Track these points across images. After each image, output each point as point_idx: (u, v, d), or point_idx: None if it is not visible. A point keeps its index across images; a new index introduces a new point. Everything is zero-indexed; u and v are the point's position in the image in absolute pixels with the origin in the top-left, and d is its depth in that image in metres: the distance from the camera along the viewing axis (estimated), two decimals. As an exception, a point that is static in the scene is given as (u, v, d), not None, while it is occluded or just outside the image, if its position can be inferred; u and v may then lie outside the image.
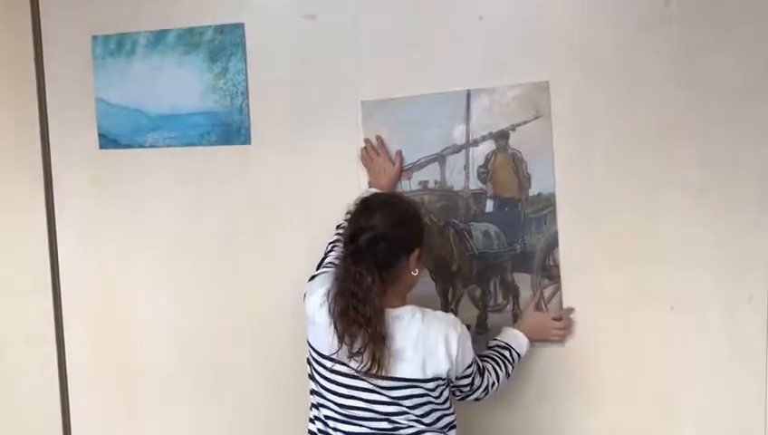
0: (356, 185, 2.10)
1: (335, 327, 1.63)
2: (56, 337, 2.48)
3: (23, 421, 2.56)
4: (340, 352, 1.63)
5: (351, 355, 1.62)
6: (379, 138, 2.07)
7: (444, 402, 1.71)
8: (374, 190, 2.01)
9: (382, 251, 1.64)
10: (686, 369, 1.98)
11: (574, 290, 2.01)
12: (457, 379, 1.72)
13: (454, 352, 1.65)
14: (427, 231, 1.79)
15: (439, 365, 1.64)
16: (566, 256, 2.00)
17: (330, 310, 1.66)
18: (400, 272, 1.68)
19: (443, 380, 1.67)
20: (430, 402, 1.67)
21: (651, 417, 2.02)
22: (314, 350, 1.73)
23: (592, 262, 2.00)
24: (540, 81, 1.98)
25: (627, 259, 1.98)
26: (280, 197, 2.23)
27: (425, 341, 1.64)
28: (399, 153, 2.05)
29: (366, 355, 1.60)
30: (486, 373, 1.81)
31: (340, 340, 1.62)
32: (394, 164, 2.05)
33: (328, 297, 1.67)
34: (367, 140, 2.08)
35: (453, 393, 1.76)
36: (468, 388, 1.77)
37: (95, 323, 2.46)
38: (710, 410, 1.98)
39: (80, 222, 2.42)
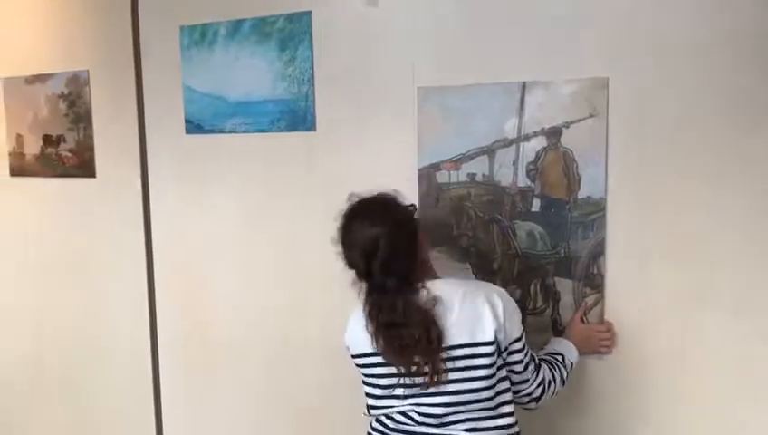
0: (411, 168, 2.10)
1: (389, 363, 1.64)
2: (149, 306, 2.74)
3: (118, 385, 2.87)
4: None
5: (412, 375, 1.62)
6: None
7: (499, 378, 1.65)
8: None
9: (398, 267, 1.61)
10: (745, 381, 1.78)
11: (620, 299, 1.87)
12: (509, 353, 1.65)
13: (500, 314, 1.60)
14: (415, 212, 1.74)
15: (486, 327, 1.59)
16: (613, 265, 1.87)
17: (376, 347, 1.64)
18: (419, 263, 1.66)
19: (493, 344, 1.60)
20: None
21: (705, 429, 1.85)
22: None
23: (643, 271, 1.84)
24: (599, 76, 1.84)
25: (684, 266, 1.80)
26: (342, 180, 2.24)
27: (469, 314, 1.60)
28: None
29: (427, 369, 1.59)
30: (542, 369, 1.74)
31: (402, 370, 1.62)
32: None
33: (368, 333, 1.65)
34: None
35: (508, 379, 1.68)
36: (521, 368, 1.67)
37: (181, 291, 2.67)
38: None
39: (169, 198, 2.64)
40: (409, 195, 2.08)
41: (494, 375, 1.62)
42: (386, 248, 1.59)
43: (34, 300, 3.06)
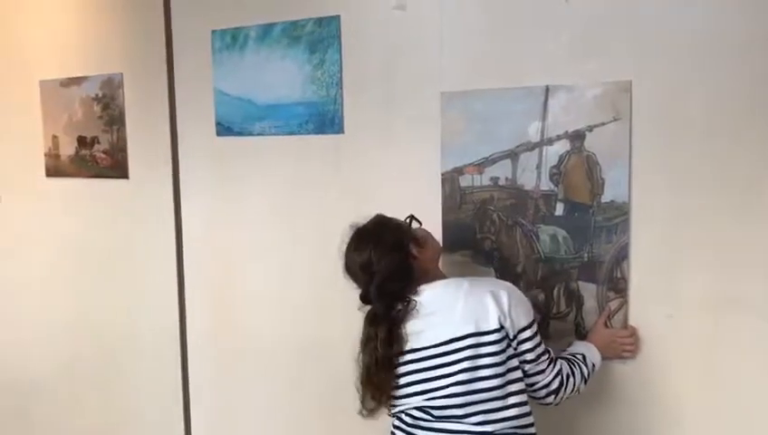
0: (435, 172, 2.12)
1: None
2: (178, 304, 2.79)
3: (148, 381, 2.93)
4: None
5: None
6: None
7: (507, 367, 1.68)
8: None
9: (392, 288, 1.71)
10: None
11: (645, 304, 1.87)
12: (518, 342, 1.67)
13: (504, 303, 1.65)
14: (404, 228, 1.82)
15: (489, 316, 1.64)
16: (637, 270, 1.87)
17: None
18: (416, 271, 1.75)
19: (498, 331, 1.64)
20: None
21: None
22: None
23: (668, 275, 1.84)
24: (622, 80, 1.84)
25: (713, 270, 1.80)
26: (368, 182, 2.30)
27: (473, 305, 1.66)
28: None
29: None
30: (558, 362, 1.76)
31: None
32: None
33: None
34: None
35: (521, 368, 1.69)
36: (533, 357, 1.69)
37: (210, 292, 2.72)
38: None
39: (200, 200, 2.69)
40: (433, 198, 2.15)
41: (503, 363, 1.65)
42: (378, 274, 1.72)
43: (67, 298, 3.13)
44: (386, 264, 1.72)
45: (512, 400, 1.66)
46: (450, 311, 1.68)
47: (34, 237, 3.18)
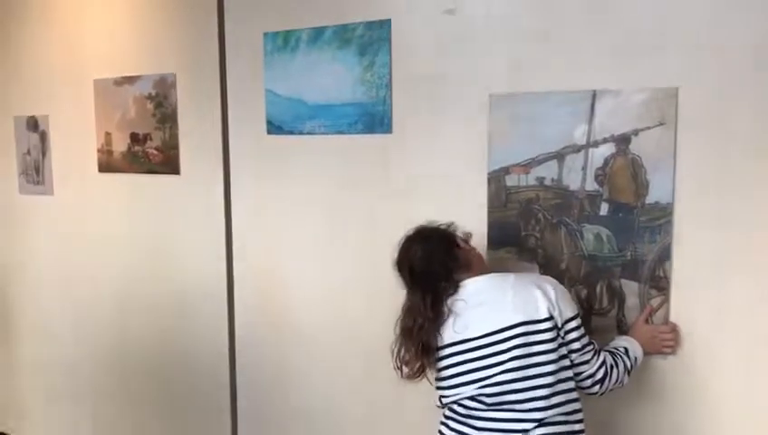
0: (481, 171, 2.20)
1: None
2: (227, 295, 2.90)
3: (199, 360, 3.02)
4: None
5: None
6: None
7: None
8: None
9: (438, 265, 1.88)
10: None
11: (687, 303, 1.93)
12: (566, 332, 1.77)
13: (551, 295, 1.77)
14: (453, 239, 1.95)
15: (539, 306, 1.75)
16: (679, 269, 1.93)
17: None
18: (461, 259, 1.90)
19: (550, 320, 1.75)
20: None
21: None
22: None
23: (711, 275, 1.90)
24: (668, 86, 1.90)
25: (754, 272, 1.86)
26: (415, 180, 2.38)
27: (522, 293, 1.78)
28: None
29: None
30: (602, 353, 1.85)
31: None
32: None
33: None
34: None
35: (568, 358, 1.79)
36: (579, 346, 1.79)
37: (259, 282, 2.82)
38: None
39: (249, 196, 2.79)
40: (478, 197, 2.22)
41: (554, 351, 1.74)
42: (422, 264, 1.88)
43: (118, 291, 3.24)
44: (434, 246, 1.89)
45: (561, 386, 1.75)
46: (500, 301, 1.78)
47: (85, 231, 3.31)
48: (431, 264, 1.86)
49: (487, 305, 1.79)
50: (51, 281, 3.52)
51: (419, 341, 1.83)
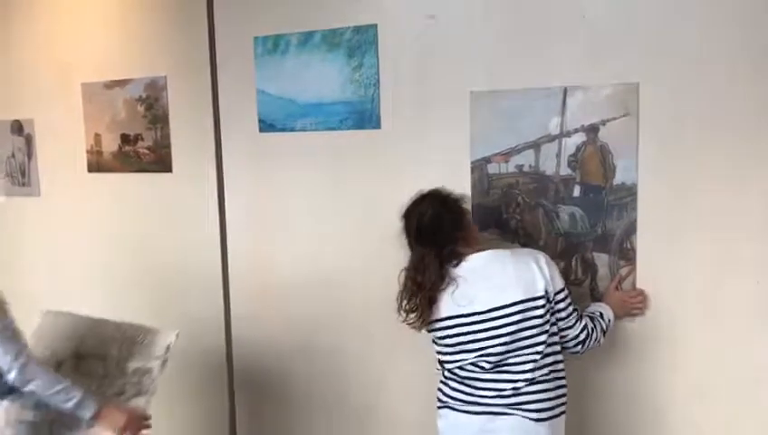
0: (465, 161, 2.43)
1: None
2: (222, 284, 3.06)
3: (196, 357, 3.14)
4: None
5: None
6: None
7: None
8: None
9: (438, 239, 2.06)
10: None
11: (651, 271, 2.21)
12: (555, 302, 2.01)
13: (546, 272, 2.00)
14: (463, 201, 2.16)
15: (536, 283, 1.98)
16: (643, 241, 2.21)
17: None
18: (467, 228, 2.13)
19: (544, 297, 1.99)
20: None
21: (737, 381, 2.16)
22: None
23: (671, 245, 2.18)
24: (631, 82, 2.18)
25: (709, 241, 2.14)
26: (403, 171, 2.59)
27: (522, 271, 2.00)
28: None
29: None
30: (584, 318, 2.10)
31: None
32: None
33: None
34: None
35: (556, 325, 2.03)
36: (566, 314, 2.04)
37: (253, 272, 2.99)
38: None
39: (242, 191, 2.97)
40: (463, 184, 2.43)
41: (546, 323, 1.99)
42: (431, 223, 2.04)
43: (110, 289, 3.34)
44: (446, 211, 2.07)
45: (549, 349, 2.01)
46: (502, 278, 2.00)
47: (76, 229, 3.42)
48: (440, 227, 2.04)
49: (490, 281, 2.00)
50: (38, 280, 3.61)
51: (428, 296, 2.02)
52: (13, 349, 2.14)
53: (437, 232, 2.04)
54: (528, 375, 1.99)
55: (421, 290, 2.03)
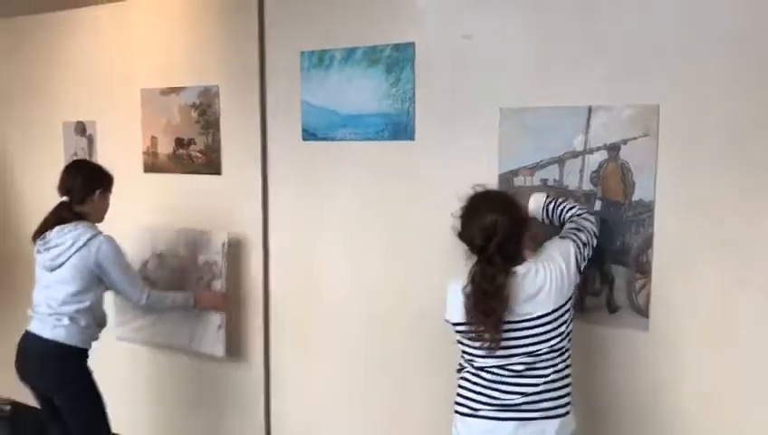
0: (493, 173, 2.57)
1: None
2: (263, 286, 3.27)
3: (235, 352, 3.38)
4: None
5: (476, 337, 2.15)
6: None
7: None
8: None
9: (508, 249, 2.12)
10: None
11: (665, 283, 2.32)
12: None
13: (572, 270, 2.15)
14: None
15: (565, 290, 2.12)
16: (659, 255, 2.32)
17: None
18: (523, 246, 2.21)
19: (570, 299, 2.14)
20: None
21: (743, 391, 2.25)
22: None
23: (685, 259, 2.29)
24: (651, 104, 2.29)
25: (722, 256, 2.24)
26: (435, 181, 2.75)
27: (558, 284, 2.12)
28: None
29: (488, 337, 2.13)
30: (585, 233, 2.22)
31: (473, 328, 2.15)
32: None
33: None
34: None
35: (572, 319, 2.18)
36: (589, 251, 2.21)
37: (293, 274, 3.19)
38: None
39: (285, 195, 3.17)
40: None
41: (568, 324, 2.14)
42: (503, 232, 2.09)
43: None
44: (515, 229, 2.12)
45: (568, 344, 2.16)
46: (540, 289, 2.10)
47: (131, 224, 3.64)
48: (508, 243, 2.09)
49: (528, 292, 2.10)
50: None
51: (503, 305, 2.08)
52: (138, 285, 2.99)
53: (504, 248, 2.09)
54: (549, 371, 2.11)
55: (488, 297, 2.08)
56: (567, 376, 2.16)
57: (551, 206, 2.34)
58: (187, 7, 3.40)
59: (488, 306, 2.08)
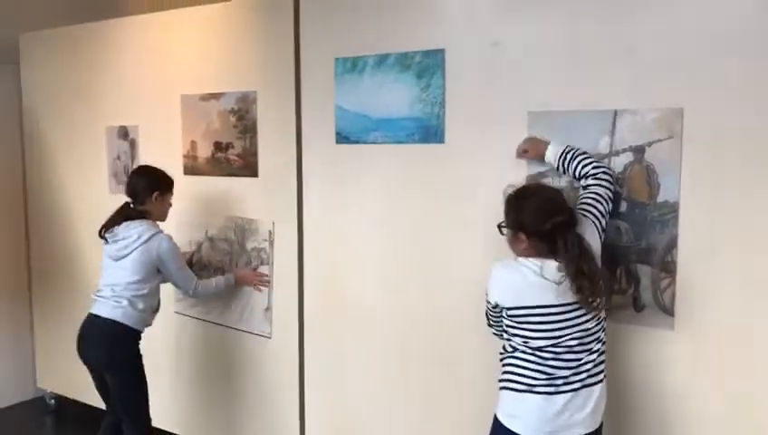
0: (521, 174, 2.65)
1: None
2: (298, 281, 3.38)
3: (273, 346, 3.50)
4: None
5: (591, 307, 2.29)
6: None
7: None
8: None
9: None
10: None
11: (690, 283, 2.37)
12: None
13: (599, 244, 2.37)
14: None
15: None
16: (683, 255, 2.38)
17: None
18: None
19: None
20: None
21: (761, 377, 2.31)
22: None
23: (709, 259, 2.34)
24: (676, 107, 2.35)
25: (745, 257, 2.29)
26: (464, 183, 2.84)
27: None
28: None
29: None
30: (600, 204, 2.39)
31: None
32: None
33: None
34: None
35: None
36: (609, 210, 2.41)
37: (325, 272, 3.30)
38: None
39: (319, 196, 3.28)
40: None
41: None
42: (570, 216, 2.28)
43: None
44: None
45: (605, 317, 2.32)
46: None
47: (171, 224, 3.78)
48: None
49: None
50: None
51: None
52: (189, 277, 3.36)
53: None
54: (599, 346, 2.28)
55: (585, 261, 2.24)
56: (605, 344, 2.31)
57: (568, 156, 2.48)
58: (226, 18, 3.54)
59: (590, 269, 2.22)
